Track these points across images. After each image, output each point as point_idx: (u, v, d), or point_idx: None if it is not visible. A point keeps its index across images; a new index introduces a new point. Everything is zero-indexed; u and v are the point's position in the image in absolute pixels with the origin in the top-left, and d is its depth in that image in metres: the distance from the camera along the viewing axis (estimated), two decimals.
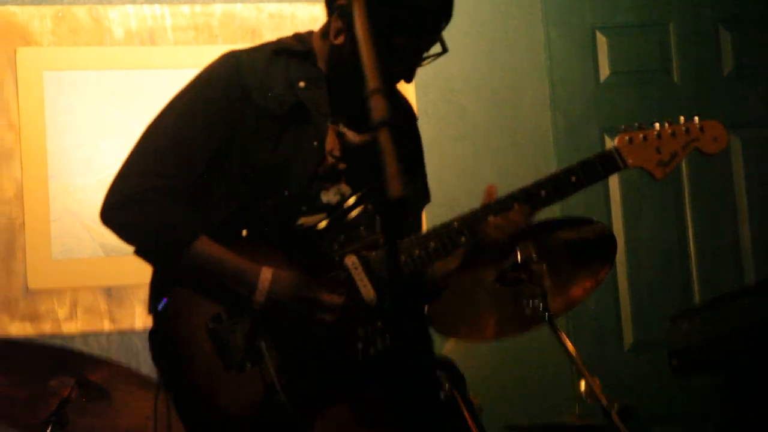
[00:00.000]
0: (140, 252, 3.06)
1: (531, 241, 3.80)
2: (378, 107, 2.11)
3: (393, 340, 2.96)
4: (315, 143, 3.03)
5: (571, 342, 3.98)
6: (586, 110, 5.54)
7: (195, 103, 3.06)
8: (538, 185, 3.11)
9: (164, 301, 3.00)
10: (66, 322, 4.76)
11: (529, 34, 5.41)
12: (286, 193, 2.99)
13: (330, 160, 3.05)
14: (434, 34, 3.02)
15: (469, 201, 5.01)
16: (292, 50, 3.11)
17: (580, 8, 5.59)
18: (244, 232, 3.00)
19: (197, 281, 2.97)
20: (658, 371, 5.12)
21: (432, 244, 3.03)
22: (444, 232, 3.05)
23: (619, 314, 5.45)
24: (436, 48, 3.03)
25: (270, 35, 5.02)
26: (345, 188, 3.05)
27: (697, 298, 5.46)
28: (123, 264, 4.81)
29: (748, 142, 5.60)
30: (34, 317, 4.75)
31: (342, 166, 3.06)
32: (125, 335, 4.83)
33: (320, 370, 2.95)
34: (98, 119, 4.91)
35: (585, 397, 3.93)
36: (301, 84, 3.06)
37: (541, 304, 3.87)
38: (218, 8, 5.09)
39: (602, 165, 3.13)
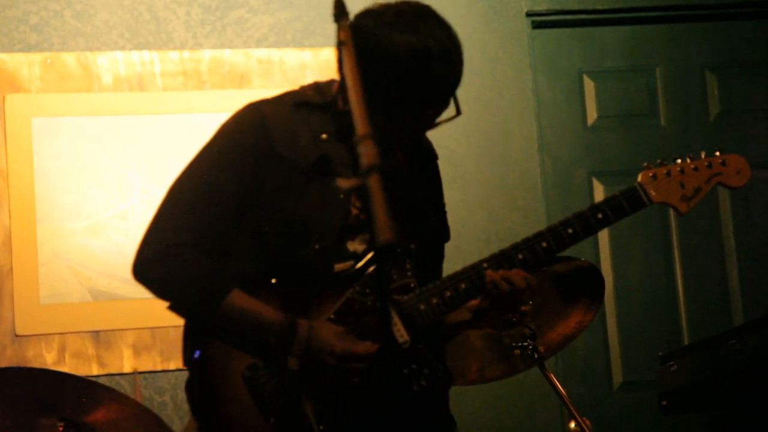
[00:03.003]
0: (174, 308, 3.03)
1: None
2: (367, 153, 2.12)
3: (427, 381, 2.99)
4: (341, 196, 3.01)
5: (560, 382, 3.99)
6: (575, 154, 5.56)
7: (223, 155, 3.05)
8: (566, 223, 3.09)
9: (199, 350, 3.00)
10: (54, 367, 4.73)
11: (517, 79, 5.43)
12: (317, 246, 2.98)
13: (354, 211, 3.04)
14: (439, 98, 3.02)
15: (459, 244, 5.06)
16: (312, 103, 3.09)
17: (568, 53, 5.63)
18: (273, 281, 2.99)
19: (231, 334, 2.96)
20: (647, 411, 5.13)
21: (463, 285, 3.03)
22: (474, 273, 3.05)
23: (609, 354, 5.44)
24: (450, 111, 3.04)
25: (259, 81, 5.06)
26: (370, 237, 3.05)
27: (685, 338, 5.46)
28: (111, 308, 4.83)
29: None
30: (21, 362, 4.73)
31: (363, 216, 3.04)
32: (113, 379, 4.82)
33: (357, 415, 2.95)
34: (86, 165, 4.91)
35: None
36: (323, 136, 3.04)
37: (530, 346, 3.88)
38: (206, 54, 5.11)
39: (627, 201, 3.13)
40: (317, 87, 3.15)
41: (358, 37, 2.87)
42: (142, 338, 4.84)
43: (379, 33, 2.90)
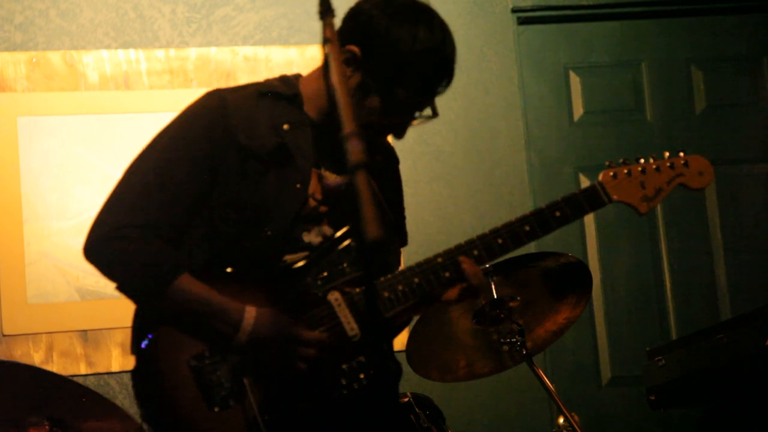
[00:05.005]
0: (122, 288, 3.03)
1: (503, 277, 3.81)
2: (355, 150, 2.13)
3: (376, 374, 2.96)
4: (298, 186, 3.02)
5: (549, 378, 4.00)
6: (561, 149, 5.57)
7: (179, 140, 3.05)
8: (523, 220, 3.10)
9: (147, 339, 2.98)
10: (42, 366, 4.73)
11: (503, 75, 5.44)
12: (269, 233, 2.98)
13: (312, 202, 3.05)
14: (432, 95, 3.04)
15: (446, 240, 5.04)
16: (278, 93, 3.10)
17: (554, 48, 5.63)
18: (229, 270, 2.99)
19: (179, 319, 2.95)
20: (635, 406, 5.14)
21: (416, 280, 3.03)
22: (428, 268, 3.06)
23: (597, 350, 5.45)
24: (428, 111, 3.06)
25: (245, 78, 5.05)
26: (327, 230, 3.06)
27: (673, 333, 5.47)
28: (98, 308, 4.81)
29: (722, 179, 5.62)
30: None
31: (323, 208, 3.06)
32: (102, 378, 4.82)
33: (304, 406, 2.94)
34: (73, 164, 4.91)
35: None
36: (285, 127, 3.05)
37: (519, 342, 3.88)
38: (193, 52, 5.10)
39: (586, 200, 3.12)
40: (284, 79, 3.17)
41: (362, 23, 2.92)
42: (130, 337, 4.82)
43: (385, 21, 2.95)
